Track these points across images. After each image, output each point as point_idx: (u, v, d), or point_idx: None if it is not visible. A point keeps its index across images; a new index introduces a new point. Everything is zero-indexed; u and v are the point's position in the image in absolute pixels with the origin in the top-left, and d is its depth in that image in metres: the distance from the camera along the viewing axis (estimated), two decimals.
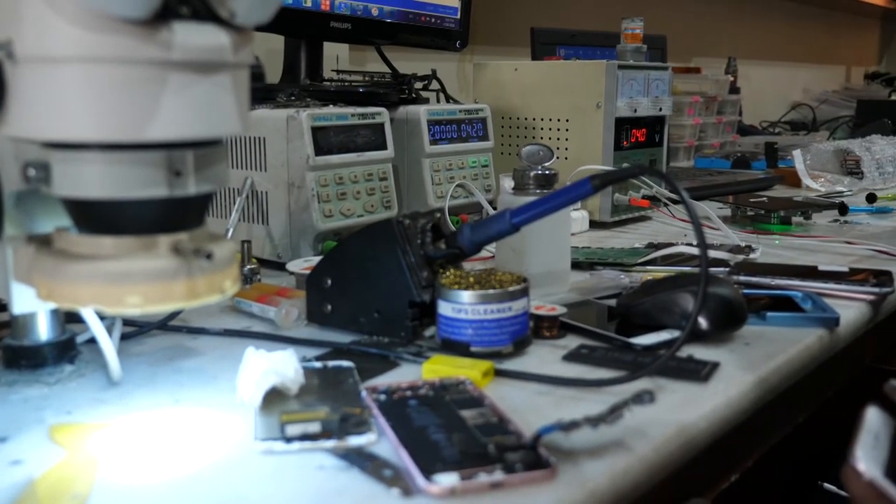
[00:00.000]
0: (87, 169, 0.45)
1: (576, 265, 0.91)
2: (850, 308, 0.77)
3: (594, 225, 1.18)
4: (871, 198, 1.42)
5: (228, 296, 0.49)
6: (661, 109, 1.23)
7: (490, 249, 0.90)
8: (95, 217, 0.47)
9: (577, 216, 1.14)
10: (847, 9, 3.85)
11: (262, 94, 0.98)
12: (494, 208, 1.07)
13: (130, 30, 0.42)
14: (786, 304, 0.76)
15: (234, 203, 0.91)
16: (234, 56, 0.45)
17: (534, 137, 1.21)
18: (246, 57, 0.46)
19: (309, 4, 1.04)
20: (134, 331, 0.69)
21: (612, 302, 0.76)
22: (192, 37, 0.43)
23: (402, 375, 0.60)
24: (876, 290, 0.80)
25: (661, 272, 0.88)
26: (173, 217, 0.47)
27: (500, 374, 0.60)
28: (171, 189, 0.45)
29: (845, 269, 0.86)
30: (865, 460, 0.42)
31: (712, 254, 0.93)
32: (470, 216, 1.08)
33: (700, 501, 0.61)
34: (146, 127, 0.43)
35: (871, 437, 0.44)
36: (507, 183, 0.93)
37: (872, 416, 0.45)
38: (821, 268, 0.86)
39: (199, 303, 0.47)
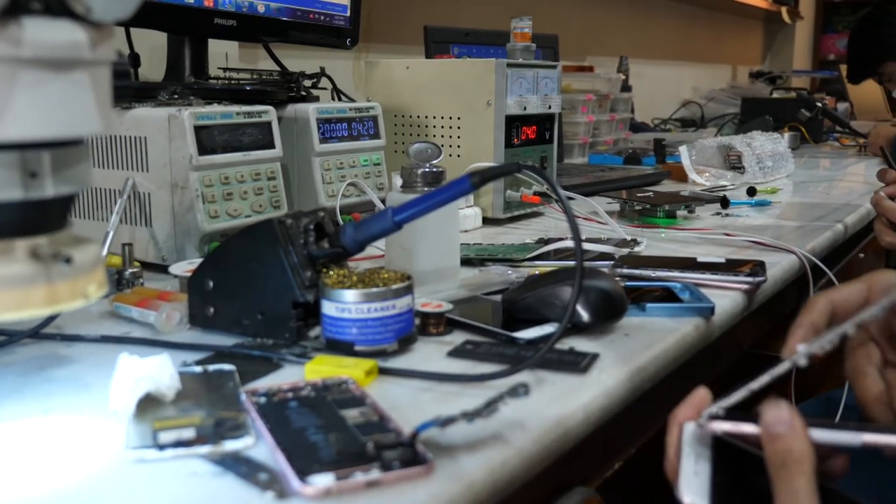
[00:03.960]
0: None
1: (467, 262, 0.92)
2: (726, 297, 0.80)
3: (487, 222, 1.19)
4: (752, 191, 1.48)
5: (93, 301, 0.48)
6: (550, 107, 1.25)
7: (380, 248, 0.90)
8: None
9: (470, 213, 1.15)
10: (732, 10, 4.01)
11: (142, 92, 0.95)
12: None
13: None
14: (666, 295, 0.79)
15: (115, 205, 0.88)
16: (92, 53, 0.43)
17: (426, 135, 1.22)
18: (106, 54, 0.45)
19: (191, 0, 1.01)
20: (3, 340, 0.66)
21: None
22: (44, 33, 0.41)
23: (286, 377, 0.60)
24: (750, 279, 0.84)
25: (548, 267, 0.89)
26: (30, 220, 0.44)
27: (384, 372, 0.60)
28: (27, 191, 0.43)
29: (722, 260, 0.90)
30: (689, 492, 0.43)
31: (598, 247, 0.96)
32: (363, 215, 1.08)
33: (584, 490, 0.63)
34: None
35: (692, 460, 0.45)
36: (397, 181, 0.93)
37: (689, 436, 0.47)
38: (699, 259, 0.89)
39: (60, 309, 0.45)
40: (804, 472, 0.43)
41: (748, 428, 0.46)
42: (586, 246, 0.95)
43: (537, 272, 0.83)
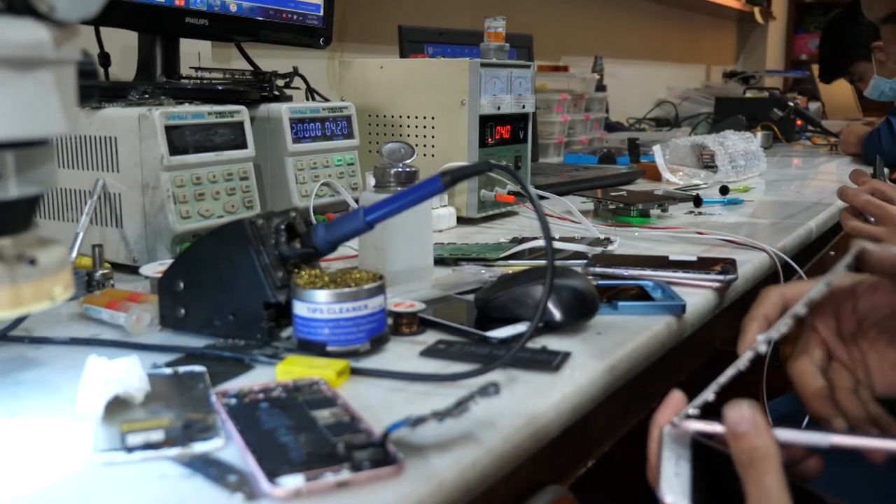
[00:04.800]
0: None
1: (441, 261, 0.92)
2: (697, 295, 0.81)
3: (462, 221, 1.19)
4: (724, 190, 1.49)
5: (59, 303, 0.47)
6: (524, 107, 1.25)
7: (354, 248, 0.89)
8: None
9: (445, 213, 1.15)
10: (706, 11, 4.04)
11: (113, 92, 0.94)
12: None
13: None
14: (639, 293, 0.79)
15: (85, 206, 0.87)
16: (56, 52, 0.42)
17: (400, 135, 1.22)
18: (71, 53, 0.44)
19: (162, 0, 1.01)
20: None
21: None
22: (5, 32, 0.40)
23: (257, 378, 0.59)
24: (721, 277, 0.84)
25: (522, 266, 0.89)
26: None
27: (355, 372, 0.59)
28: None
29: (694, 258, 0.90)
30: (671, 493, 0.44)
31: (571, 246, 0.96)
32: (337, 215, 1.07)
33: (557, 488, 0.63)
34: None
35: (672, 462, 0.46)
36: (371, 181, 0.93)
37: (668, 438, 0.48)
38: (671, 258, 0.90)
39: (24, 311, 0.45)
40: (771, 468, 0.43)
41: (719, 428, 0.47)
42: (560, 245, 0.95)
43: (511, 271, 0.83)
